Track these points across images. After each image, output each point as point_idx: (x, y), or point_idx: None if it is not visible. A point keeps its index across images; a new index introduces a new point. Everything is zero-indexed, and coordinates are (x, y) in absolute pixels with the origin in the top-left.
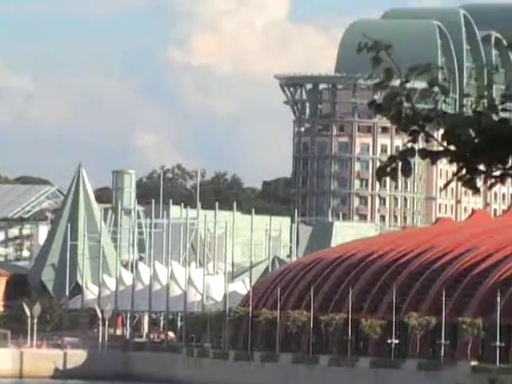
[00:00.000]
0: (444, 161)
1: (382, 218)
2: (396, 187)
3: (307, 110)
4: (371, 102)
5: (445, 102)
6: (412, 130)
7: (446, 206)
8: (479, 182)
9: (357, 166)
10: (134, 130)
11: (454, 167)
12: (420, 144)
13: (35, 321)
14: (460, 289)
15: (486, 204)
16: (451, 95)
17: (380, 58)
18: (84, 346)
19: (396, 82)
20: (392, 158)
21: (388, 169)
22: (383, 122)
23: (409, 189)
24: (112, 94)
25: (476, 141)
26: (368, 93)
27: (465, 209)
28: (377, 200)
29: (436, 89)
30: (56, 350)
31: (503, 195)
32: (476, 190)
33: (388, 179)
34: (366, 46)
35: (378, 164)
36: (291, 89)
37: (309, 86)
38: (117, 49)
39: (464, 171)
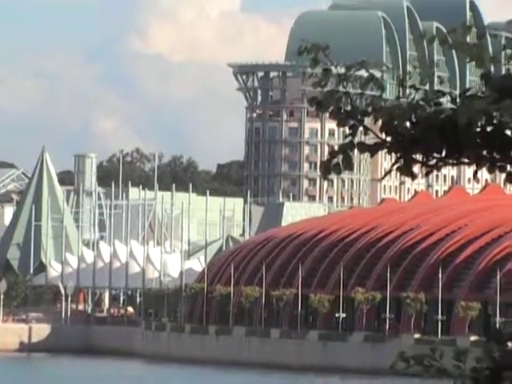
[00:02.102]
0: None
1: (330, 198)
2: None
3: (259, 97)
4: (312, 99)
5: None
6: (351, 124)
7: (390, 187)
8: (416, 170)
9: (306, 150)
10: (94, 115)
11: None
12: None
13: (1, 297)
14: (403, 265)
15: (428, 185)
16: (394, 82)
17: (319, 59)
18: (48, 320)
19: (335, 79)
20: (333, 153)
21: (331, 164)
22: None
23: (355, 171)
24: (73, 81)
25: (412, 132)
26: (316, 79)
27: (408, 190)
28: (325, 182)
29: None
30: (21, 324)
31: (444, 177)
32: (413, 177)
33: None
34: (305, 49)
35: (326, 152)
36: (244, 76)
37: (260, 74)
38: (78, 37)
39: (402, 161)
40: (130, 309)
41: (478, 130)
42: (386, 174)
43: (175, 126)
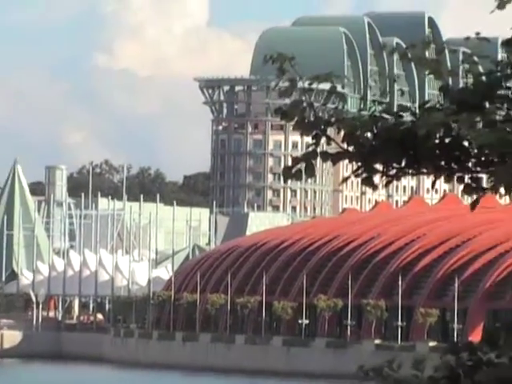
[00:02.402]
0: None
1: (293, 208)
2: (306, 180)
3: (224, 110)
4: (277, 109)
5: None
6: (315, 133)
7: (351, 197)
8: (377, 180)
9: (270, 162)
10: (64, 129)
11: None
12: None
13: None
14: (364, 273)
15: (389, 196)
16: (355, 95)
17: (285, 69)
18: (19, 327)
19: (299, 91)
20: (296, 160)
21: (293, 170)
22: None
23: (317, 182)
24: (44, 96)
25: (373, 142)
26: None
27: (369, 200)
28: (288, 192)
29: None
30: None
31: (404, 188)
32: (374, 188)
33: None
34: (271, 58)
35: (287, 164)
36: (210, 90)
37: (226, 88)
38: (47, 54)
39: (362, 170)
40: (100, 316)
41: (437, 141)
42: (344, 180)
43: (143, 138)
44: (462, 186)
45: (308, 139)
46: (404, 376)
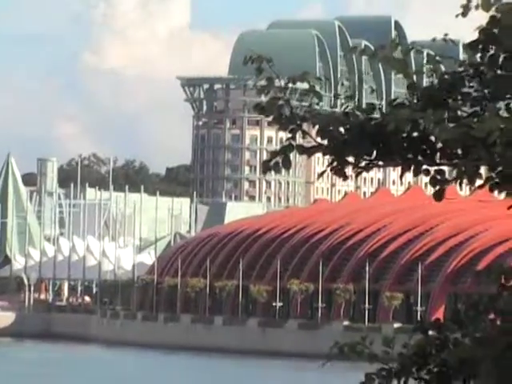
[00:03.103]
0: None
1: (268, 199)
2: (280, 172)
3: (204, 107)
4: (256, 105)
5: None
6: (291, 128)
7: (322, 189)
8: (348, 171)
9: (246, 155)
10: (55, 123)
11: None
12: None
13: None
14: (334, 259)
15: (357, 187)
16: (327, 94)
17: (263, 69)
18: (12, 308)
19: (277, 89)
20: (274, 154)
21: (271, 163)
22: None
23: (291, 174)
24: (37, 92)
25: (345, 137)
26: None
27: (339, 191)
28: (264, 183)
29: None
30: None
31: (371, 179)
32: (345, 178)
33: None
34: (250, 59)
35: (264, 157)
36: (191, 88)
37: (206, 86)
38: (42, 53)
39: (335, 163)
40: (87, 298)
41: (405, 135)
42: (321, 174)
43: (129, 133)
44: (426, 178)
45: (282, 134)
46: (376, 352)
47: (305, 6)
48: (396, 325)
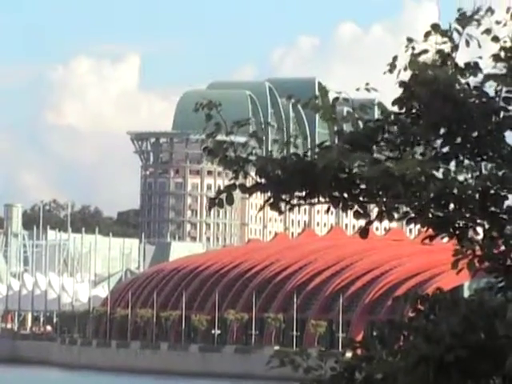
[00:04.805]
0: (254, 195)
1: (208, 239)
2: (218, 216)
3: (151, 158)
4: (205, 148)
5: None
6: (234, 169)
7: (255, 230)
8: (283, 207)
9: (189, 200)
10: (20, 173)
11: (263, 197)
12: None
13: None
14: (266, 292)
15: (286, 228)
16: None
17: (211, 115)
18: None
19: (223, 135)
20: (219, 192)
21: (216, 200)
22: (208, 167)
23: (227, 217)
24: (3, 147)
25: (281, 177)
26: (197, 145)
27: (270, 232)
28: (204, 226)
29: (253, 141)
30: None
31: (298, 222)
32: (280, 212)
33: (213, 210)
34: (201, 105)
35: (205, 202)
36: (139, 142)
37: (152, 140)
38: (6, 112)
39: (272, 199)
40: (49, 327)
41: (332, 175)
42: (260, 209)
43: (85, 181)
44: (347, 220)
45: (220, 182)
46: (311, 365)
47: (239, 69)
48: (320, 349)
